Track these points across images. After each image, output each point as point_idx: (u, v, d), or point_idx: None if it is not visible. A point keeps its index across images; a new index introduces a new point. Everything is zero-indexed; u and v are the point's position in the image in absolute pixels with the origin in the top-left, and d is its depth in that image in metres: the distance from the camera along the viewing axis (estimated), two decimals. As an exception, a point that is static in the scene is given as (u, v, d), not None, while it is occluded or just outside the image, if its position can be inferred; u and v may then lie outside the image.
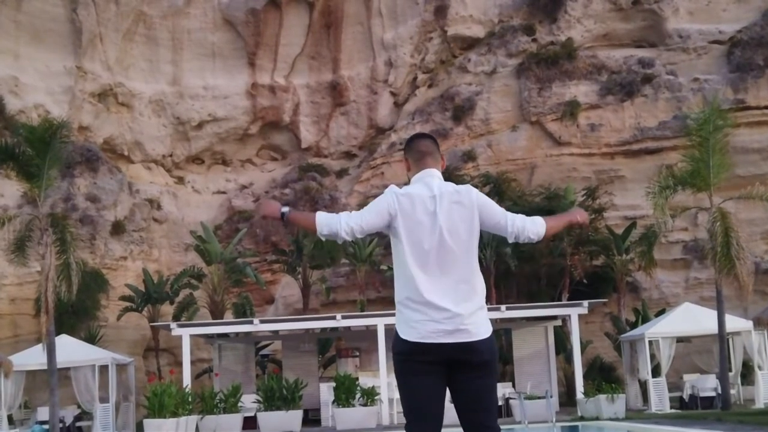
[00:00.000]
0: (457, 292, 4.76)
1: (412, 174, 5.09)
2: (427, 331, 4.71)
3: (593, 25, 43.81)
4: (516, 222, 4.97)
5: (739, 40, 42.61)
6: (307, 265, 38.42)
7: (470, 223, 4.85)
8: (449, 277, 4.76)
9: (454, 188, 4.94)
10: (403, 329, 4.81)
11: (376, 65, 45.59)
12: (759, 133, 40.31)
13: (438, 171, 5.08)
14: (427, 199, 4.85)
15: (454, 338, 4.71)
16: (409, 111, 44.87)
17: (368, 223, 4.87)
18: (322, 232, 4.89)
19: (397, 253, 4.89)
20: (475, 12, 44.85)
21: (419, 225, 4.81)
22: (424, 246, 4.78)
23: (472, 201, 4.88)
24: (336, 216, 4.92)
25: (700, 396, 28.93)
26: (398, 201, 4.86)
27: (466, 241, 4.83)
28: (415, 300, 4.75)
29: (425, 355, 4.74)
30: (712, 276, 38.16)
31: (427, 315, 4.72)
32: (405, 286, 4.82)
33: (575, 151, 40.88)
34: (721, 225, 25.03)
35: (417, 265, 4.77)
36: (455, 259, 4.78)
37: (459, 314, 4.71)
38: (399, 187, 4.98)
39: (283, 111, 46.17)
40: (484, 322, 4.83)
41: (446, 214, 4.82)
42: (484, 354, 4.80)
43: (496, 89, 43.22)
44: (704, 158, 25.60)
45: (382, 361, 27.29)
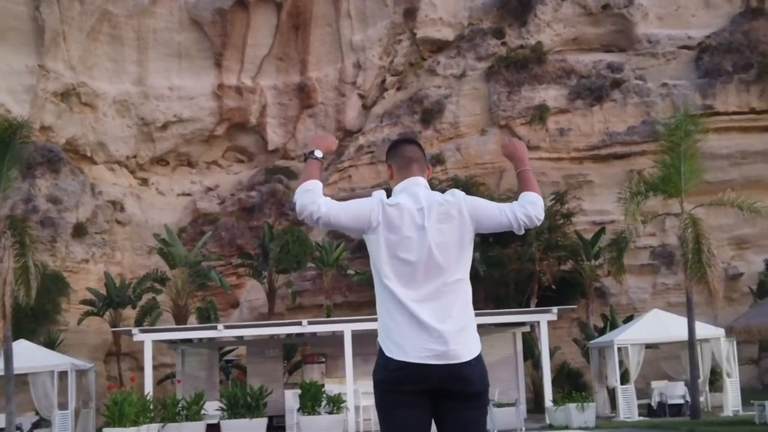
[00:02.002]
0: (445, 308, 4.33)
1: (396, 182, 4.63)
2: (415, 350, 4.27)
3: (563, 29, 43.66)
4: (517, 214, 4.50)
5: (707, 46, 42.68)
6: (273, 269, 37.90)
7: (461, 234, 4.43)
8: (436, 293, 4.34)
9: (443, 198, 4.49)
10: (388, 347, 4.35)
11: (344, 67, 45.16)
12: (727, 139, 40.36)
13: (424, 180, 4.62)
14: (415, 211, 4.41)
15: (442, 360, 4.27)
16: (378, 114, 44.47)
17: (339, 222, 4.41)
18: (296, 198, 4.45)
19: (378, 267, 4.43)
20: (445, 15, 44.55)
21: (407, 240, 4.37)
22: (411, 261, 4.35)
23: (462, 210, 4.44)
24: (317, 194, 4.42)
25: (668, 403, 28.77)
26: (384, 212, 4.41)
27: (456, 255, 4.41)
28: (399, 318, 4.33)
29: (411, 383, 4.29)
30: (680, 282, 38.19)
31: (414, 332, 4.29)
32: (388, 302, 4.38)
33: (544, 156, 40.66)
34: (693, 231, 24.85)
35: (401, 281, 4.35)
36: (443, 274, 4.36)
37: (447, 331, 4.28)
38: (384, 193, 4.53)
39: (250, 112, 45.62)
40: (472, 341, 4.40)
41: (436, 228, 4.38)
42: (475, 384, 4.37)
43: (465, 92, 42.93)
44: (675, 164, 25.42)
45: (348, 368, 26.83)
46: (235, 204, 44.25)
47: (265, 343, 32.47)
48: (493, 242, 37.15)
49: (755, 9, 43.58)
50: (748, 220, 38.14)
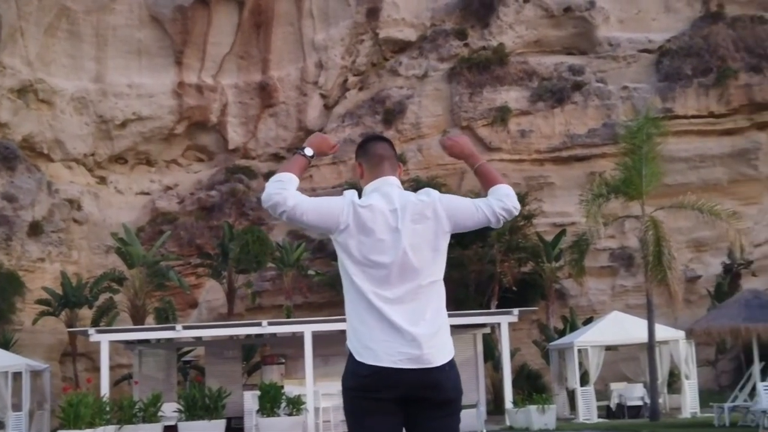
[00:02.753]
0: (418, 311, 4.17)
1: (367, 181, 4.43)
2: (387, 354, 4.10)
3: (525, 31, 43.76)
4: (495, 209, 4.35)
5: (668, 50, 42.99)
6: (232, 269, 37.59)
7: (436, 235, 4.26)
8: (409, 295, 4.18)
9: (417, 198, 4.30)
10: (358, 351, 4.19)
11: (306, 66, 44.91)
12: (686, 143, 40.67)
13: (396, 179, 4.44)
14: (388, 213, 4.23)
15: (416, 364, 4.10)
16: (339, 113, 44.29)
17: (305, 219, 4.23)
18: (266, 186, 4.25)
19: (347, 269, 4.25)
20: (408, 15, 44.48)
21: (380, 242, 4.19)
22: (384, 263, 4.17)
23: (437, 210, 4.27)
24: (288, 187, 4.22)
25: (627, 405, 28.87)
26: (355, 214, 4.22)
27: (431, 256, 4.24)
28: (371, 321, 4.16)
29: (383, 389, 4.12)
30: (639, 284, 38.44)
31: (386, 335, 4.13)
32: (358, 305, 4.22)
33: (505, 157, 40.72)
34: (653, 234, 24.94)
35: (373, 283, 4.17)
36: (418, 276, 4.19)
37: (421, 335, 4.12)
38: (355, 193, 4.37)
39: (211, 111, 45.22)
40: (446, 345, 4.24)
41: (410, 230, 4.21)
42: (448, 391, 4.21)
43: (427, 93, 42.89)
44: (637, 166, 25.51)
45: (308, 369, 26.62)
46: (195, 203, 43.85)
47: (224, 344, 32.17)
48: (454, 243, 36.82)
49: (714, 13, 43.98)
50: (706, 223, 38.44)
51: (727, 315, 19.51)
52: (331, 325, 28.36)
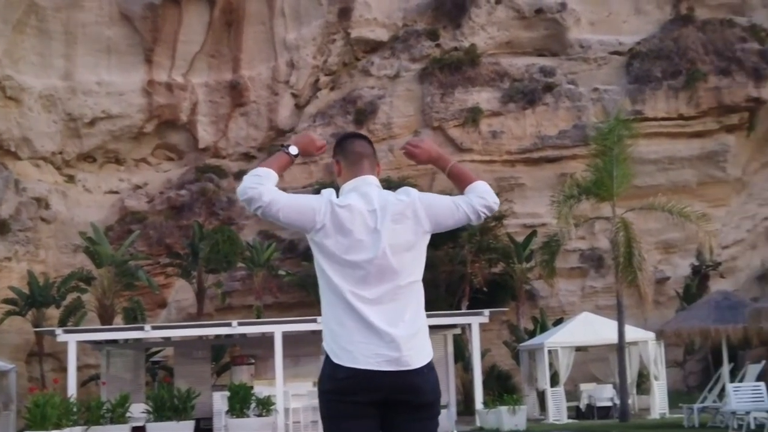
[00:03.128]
0: (397, 312, 4.09)
1: (344, 180, 4.34)
2: (365, 356, 4.02)
3: (496, 33, 43.83)
4: (476, 206, 4.29)
5: (638, 52, 43.22)
6: (202, 269, 37.38)
7: (416, 235, 4.18)
8: (388, 296, 4.09)
9: (396, 198, 4.21)
10: (335, 353, 4.09)
11: (277, 66, 44.71)
12: (656, 145, 40.89)
13: (375, 178, 4.35)
14: (367, 213, 4.14)
15: (394, 366, 4.02)
16: (311, 113, 44.14)
17: (280, 216, 4.14)
18: (243, 179, 4.17)
19: (324, 269, 4.16)
20: (380, 15, 44.40)
21: (358, 243, 4.10)
22: (362, 264, 4.08)
23: (417, 211, 4.19)
24: (266, 182, 4.14)
25: (596, 406, 28.98)
26: (333, 213, 4.13)
27: (410, 257, 4.16)
28: (348, 322, 4.08)
29: (361, 392, 4.03)
30: (608, 285, 38.62)
31: (364, 337, 4.04)
32: (335, 306, 4.13)
33: (476, 158, 40.76)
34: (624, 235, 25.03)
35: (351, 283, 4.09)
36: (397, 277, 4.11)
37: (400, 336, 4.04)
38: (333, 192, 4.27)
39: (181, 110, 44.89)
40: (425, 346, 4.17)
41: (390, 231, 4.12)
42: (427, 394, 4.13)
43: (399, 93, 42.85)
44: (608, 168, 25.60)
45: (278, 370, 26.52)
46: (164, 203, 43.52)
47: (193, 344, 31.95)
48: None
49: (684, 16, 44.28)
50: (675, 225, 38.75)
51: (697, 316, 19.60)
52: (302, 326, 28.31)
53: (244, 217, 41.95)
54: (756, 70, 41.92)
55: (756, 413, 16.58)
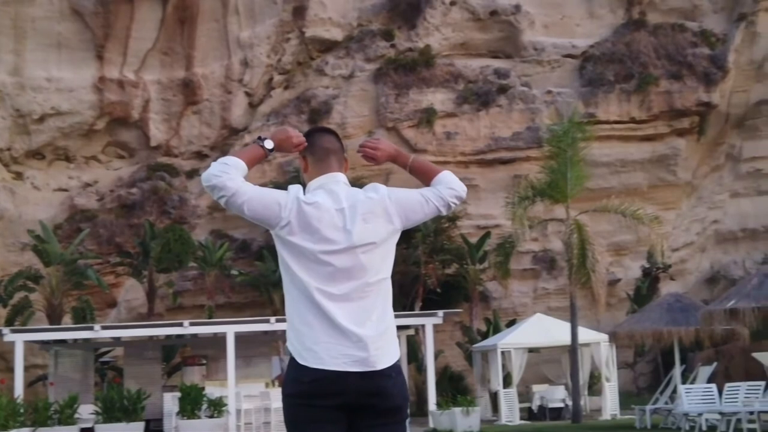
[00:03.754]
0: (365, 310, 3.97)
1: (311, 177, 4.21)
2: (331, 357, 3.90)
3: (451, 34, 43.87)
4: (446, 197, 4.23)
5: (591, 55, 43.53)
6: (153, 269, 36.96)
7: (386, 232, 4.08)
8: (356, 293, 3.98)
9: (365, 196, 4.11)
10: (300, 353, 3.96)
11: (231, 64, 44.33)
12: (608, 148, 41.17)
13: (343, 176, 4.23)
14: (334, 212, 4.02)
15: (361, 367, 3.91)
16: (264, 112, 43.83)
17: (245, 207, 3.99)
18: (211, 169, 4.00)
19: (289, 266, 4.02)
20: (334, 14, 44.23)
21: (326, 242, 3.99)
22: (330, 262, 3.97)
23: (387, 208, 4.09)
24: (234, 171, 3.97)
25: (548, 407, 29.10)
26: (299, 211, 4.00)
27: (380, 254, 4.05)
28: (313, 321, 3.95)
29: (327, 396, 3.90)
30: (560, 286, 38.88)
31: (330, 337, 3.92)
32: (300, 304, 3.99)
33: (430, 159, 40.49)
34: (578, 237, 25.15)
35: (317, 280, 3.96)
36: (366, 274, 4.00)
37: (367, 336, 3.93)
38: (300, 189, 4.14)
39: (132, 107, 44.32)
40: (392, 346, 4.05)
41: (361, 231, 4.01)
42: (395, 398, 4.02)
43: (354, 93, 42.72)
44: (562, 170, 25.73)
45: (230, 370, 26.29)
46: (115, 201, 42.95)
47: (143, 345, 31.57)
48: (379, 244, 37.03)
49: (637, 21, 44.65)
50: (626, 227, 39.10)
51: (650, 318, 19.74)
52: (254, 326, 28.16)
53: (196, 217, 41.57)
54: (706, 75, 42.42)
55: (708, 415, 16.70)
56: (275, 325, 27.19)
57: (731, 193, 45.16)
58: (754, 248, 44.47)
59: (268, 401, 27.26)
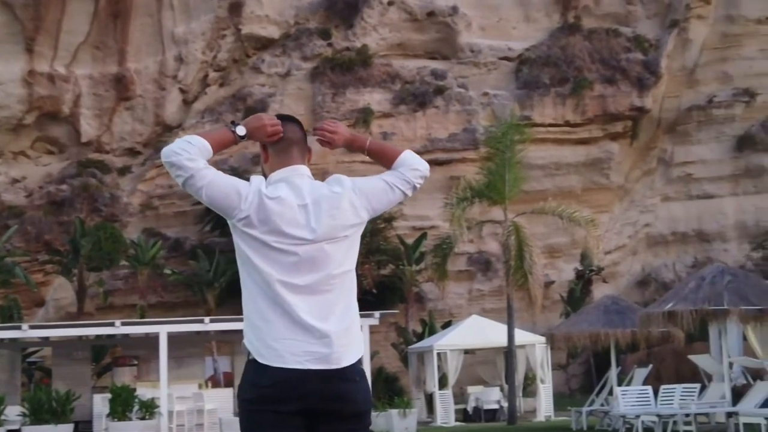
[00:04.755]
0: (328, 304, 3.77)
1: (272, 168, 3.97)
2: (292, 354, 3.68)
3: (389, 34, 43.78)
4: (411, 179, 4.10)
5: (527, 58, 43.79)
6: (83, 267, 36.24)
7: (353, 227, 3.89)
8: (319, 286, 3.77)
9: (330, 190, 3.90)
10: (259, 351, 3.73)
11: (165, 60, 43.65)
12: (543, 150, 41.45)
13: (306, 168, 4.00)
14: (297, 208, 3.81)
15: (324, 364, 3.70)
16: (199, 109, 43.26)
17: (204, 190, 3.75)
18: (174, 145, 3.76)
19: (248, 257, 3.79)
20: (271, 12, 43.82)
21: (288, 238, 3.77)
22: (295, 252, 3.75)
23: (353, 201, 3.90)
24: (197, 152, 3.73)
25: (483, 408, 29.14)
26: (260, 204, 3.77)
27: (345, 246, 3.86)
28: (272, 316, 3.72)
29: (289, 401, 3.68)
30: (495, 288, 39.06)
31: (291, 332, 3.70)
32: (258, 298, 3.76)
33: (367, 159, 40.17)
34: (516, 239, 25.21)
35: (280, 271, 3.74)
36: (329, 265, 3.80)
37: (331, 331, 3.73)
38: (263, 181, 3.92)
39: (63, 102, 43.38)
40: (356, 342, 3.86)
41: (326, 225, 3.81)
42: (359, 404, 3.81)
43: (290, 92, 42.39)
44: (500, 171, 25.78)
45: (162, 371, 25.83)
46: (44, 197, 41.99)
47: (72, 345, 30.90)
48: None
49: (572, 25, 45.05)
50: (560, 230, 39.44)
51: (587, 320, 19.85)
52: (187, 326, 27.78)
53: (128, 214, 40.86)
54: (640, 80, 42.98)
55: (644, 417, 16.81)
56: (209, 326, 26.86)
57: (662, 197, 45.86)
58: (684, 252, 45.23)
59: (201, 403, 26.92)
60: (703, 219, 45.35)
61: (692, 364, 29.72)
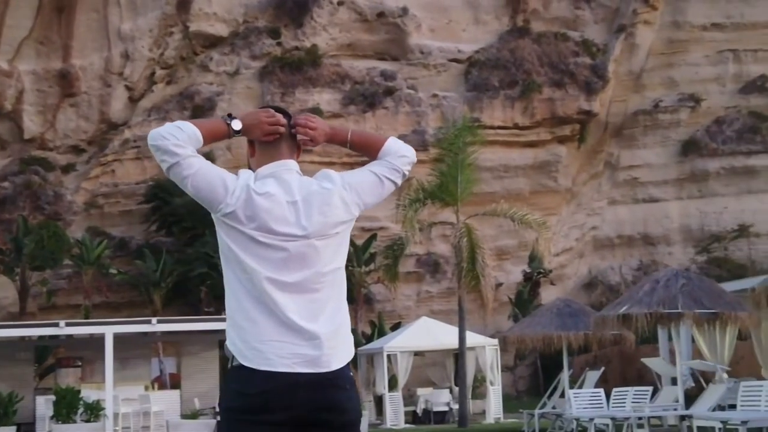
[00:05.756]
0: (318, 304, 3.57)
1: (259, 163, 3.75)
2: (279, 357, 3.47)
3: (338, 34, 43.59)
4: (400, 168, 3.85)
5: (476, 61, 43.90)
6: (26, 266, 35.53)
7: (344, 224, 3.69)
8: (308, 284, 3.57)
9: (320, 186, 3.68)
10: (243, 353, 3.51)
11: (111, 56, 42.98)
12: (491, 153, 41.49)
13: (295, 163, 3.77)
14: (286, 205, 3.60)
15: (312, 368, 3.49)
16: (145, 107, 42.67)
17: (190, 183, 3.54)
18: (163, 129, 3.53)
19: (234, 253, 3.58)
20: (219, 10, 43.38)
21: (277, 234, 3.56)
22: (284, 248, 3.55)
23: (344, 197, 3.68)
24: (186, 139, 3.52)
25: (433, 410, 29.06)
26: (249, 200, 3.55)
27: (336, 243, 3.66)
28: (258, 316, 3.51)
29: (277, 410, 3.46)
30: (444, 290, 39.07)
31: (278, 333, 3.49)
32: (243, 296, 3.55)
33: (316, 159, 40.22)
34: (468, 240, 25.16)
35: (269, 268, 3.53)
36: (318, 262, 3.59)
37: (321, 333, 3.52)
38: (252, 176, 3.71)
39: (5, 98, 42.49)
40: (346, 345, 3.65)
41: (317, 223, 3.60)
42: (350, 413, 3.60)
43: (239, 91, 42.00)
44: (452, 173, 25.72)
45: (108, 373, 25.36)
46: (-15, 195, 41.15)
47: (14, 345, 30.17)
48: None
49: (521, 28, 45.26)
50: (508, 232, 39.58)
51: (541, 323, 19.83)
52: (134, 327, 27.37)
53: (72, 213, 40.14)
54: (587, 84, 43.28)
55: (598, 420, 16.83)
56: (157, 326, 26.48)
57: (609, 201, 46.26)
58: (630, 255, 45.65)
59: (147, 404, 26.52)
60: (649, 222, 45.83)
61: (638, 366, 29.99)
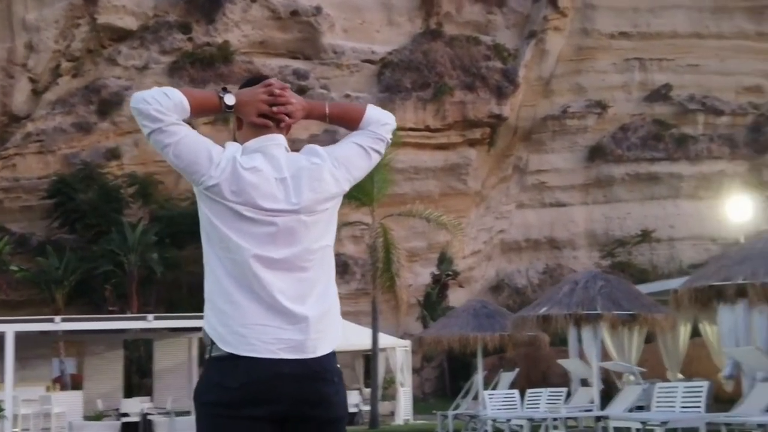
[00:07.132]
0: (305, 284, 3.33)
1: (246, 137, 3.48)
2: (262, 342, 3.21)
3: (251, 31, 43.10)
4: (384, 135, 3.63)
5: (389, 62, 43.91)
6: None
7: (333, 198, 3.45)
8: (297, 261, 3.33)
9: (309, 162, 3.43)
10: (224, 338, 3.25)
11: (14, 47, 41.64)
12: (403, 154, 41.47)
13: (283, 138, 3.51)
14: (274, 182, 3.36)
15: (297, 353, 3.24)
16: (50, 100, 41.46)
17: (172, 151, 3.28)
18: (148, 93, 3.29)
19: (217, 228, 3.32)
20: (129, 3, 42.45)
21: (264, 210, 3.31)
22: (273, 222, 3.30)
23: (334, 173, 3.45)
24: (173, 107, 3.27)
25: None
26: (235, 174, 3.29)
27: (325, 220, 3.43)
28: (240, 298, 3.25)
29: (258, 404, 3.20)
30: (352, 291, 38.87)
31: (261, 317, 3.24)
32: (224, 277, 3.29)
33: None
34: (384, 241, 25.03)
35: (256, 244, 3.27)
36: (306, 239, 3.35)
37: (308, 316, 3.28)
38: (240, 149, 3.44)
39: None
40: (334, 329, 3.40)
41: (307, 199, 3.36)
42: (337, 408, 3.36)
43: (147, 86, 40.40)
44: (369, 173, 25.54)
45: (8, 373, 24.50)
46: None
47: None
48: (169, 243, 35.93)
49: (434, 31, 45.44)
50: (418, 233, 39.67)
51: (458, 324, 19.82)
52: (36, 325, 26.58)
53: (-31, 208, 38.82)
54: (498, 88, 43.67)
55: (514, 420, 16.85)
56: (60, 325, 25.72)
57: (517, 204, 46.76)
58: (537, 258, 46.21)
59: (48, 406, 25.76)
60: (555, 226, 46.48)
61: (544, 367, 30.36)
